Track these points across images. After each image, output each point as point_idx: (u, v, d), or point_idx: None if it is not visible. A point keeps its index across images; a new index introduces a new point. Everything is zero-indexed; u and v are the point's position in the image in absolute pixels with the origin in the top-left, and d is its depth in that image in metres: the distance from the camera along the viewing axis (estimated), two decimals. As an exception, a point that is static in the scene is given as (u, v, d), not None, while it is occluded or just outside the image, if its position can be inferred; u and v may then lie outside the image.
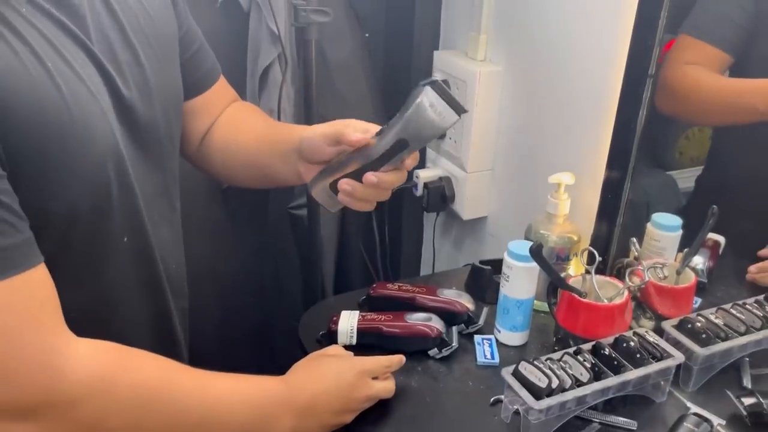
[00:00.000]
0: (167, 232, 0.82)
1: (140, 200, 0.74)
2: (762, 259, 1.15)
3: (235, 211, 1.43)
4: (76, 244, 0.66)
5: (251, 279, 1.52)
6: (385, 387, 0.83)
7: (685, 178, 1.64)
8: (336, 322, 0.97)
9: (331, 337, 0.97)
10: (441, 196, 1.36)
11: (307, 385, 0.76)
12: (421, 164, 1.43)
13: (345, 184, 0.80)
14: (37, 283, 0.59)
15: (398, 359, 0.85)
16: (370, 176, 0.78)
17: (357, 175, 0.79)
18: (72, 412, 0.59)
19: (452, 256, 1.45)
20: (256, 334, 1.57)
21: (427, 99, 0.75)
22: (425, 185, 1.36)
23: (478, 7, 1.24)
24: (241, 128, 0.96)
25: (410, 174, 1.40)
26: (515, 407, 0.82)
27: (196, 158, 0.97)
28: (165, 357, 0.68)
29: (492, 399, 0.88)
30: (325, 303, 1.12)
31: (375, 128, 0.79)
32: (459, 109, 0.76)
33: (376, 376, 0.83)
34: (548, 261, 0.95)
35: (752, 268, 1.15)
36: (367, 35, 1.41)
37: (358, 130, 0.79)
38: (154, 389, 0.65)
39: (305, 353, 0.99)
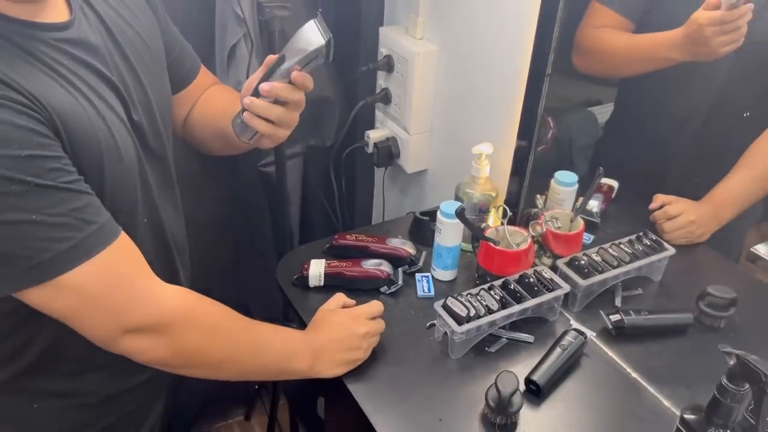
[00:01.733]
0: (171, 209, 1.05)
1: (153, 191, 0.97)
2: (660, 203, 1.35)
3: (210, 168, 1.63)
4: None
5: (226, 224, 1.74)
6: (376, 324, 1.07)
7: (605, 113, 1.90)
8: (307, 269, 1.22)
9: (303, 281, 1.22)
10: (388, 153, 1.59)
11: (318, 334, 1.02)
12: (371, 126, 1.65)
13: (245, 99, 0.94)
14: (129, 243, 0.84)
15: (378, 304, 1.09)
16: (263, 85, 0.92)
17: (256, 93, 0.94)
18: (169, 331, 0.86)
19: (399, 203, 1.70)
20: (232, 271, 1.82)
21: (307, 25, 0.93)
22: (375, 144, 1.59)
23: (416, -9, 1.44)
24: (212, 104, 1.16)
25: (362, 134, 1.62)
26: (444, 330, 1.10)
27: (184, 136, 1.19)
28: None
29: (428, 324, 1.16)
30: (296, 251, 1.35)
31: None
32: (325, 36, 0.91)
33: (371, 319, 1.06)
34: (472, 217, 1.22)
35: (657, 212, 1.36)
36: (320, 10, 1.58)
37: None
38: (221, 318, 0.93)
39: (283, 293, 1.26)
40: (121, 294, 0.82)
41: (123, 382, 1.00)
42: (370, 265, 1.22)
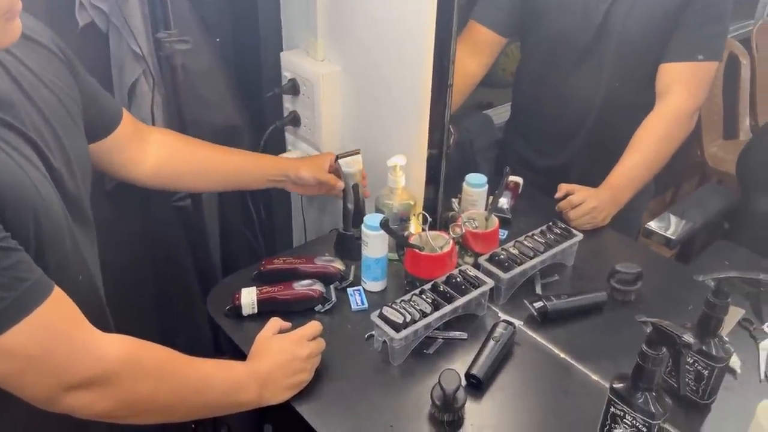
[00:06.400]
0: (94, 258, 1.03)
1: (80, 244, 0.94)
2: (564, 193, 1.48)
3: (120, 209, 1.58)
4: None
5: (144, 264, 1.69)
6: (317, 344, 1.09)
7: (499, 115, 2.01)
8: (239, 298, 1.22)
9: (236, 311, 1.22)
10: (303, 174, 1.61)
11: (261, 362, 1.03)
12: (282, 149, 1.67)
13: None
14: (63, 297, 0.82)
15: (317, 325, 1.11)
16: None
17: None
18: (114, 381, 0.84)
19: (319, 221, 1.73)
20: (154, 311, 1.77)
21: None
22: (289, 166, 1.61)
23: (312, 15, 1.47)
24: (218, 161, 1.31)
25: (275, 157, 1.64)
26: (383, 339, 1.14)
27: (154, 182, 1.23)
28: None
29: (366, 335, 1.19)
30: (224, 283, 1.34)
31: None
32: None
33: (311, 340, 1.08)
34: (394, 227, 1.26)
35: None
36: (218, 40, 1.59)
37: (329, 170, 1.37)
38: (166, 362, 0.92)
39: (214, 324, 1.25)
40: (60, 350, 0.79)
41: None
42: (302, 286, 1.24)
